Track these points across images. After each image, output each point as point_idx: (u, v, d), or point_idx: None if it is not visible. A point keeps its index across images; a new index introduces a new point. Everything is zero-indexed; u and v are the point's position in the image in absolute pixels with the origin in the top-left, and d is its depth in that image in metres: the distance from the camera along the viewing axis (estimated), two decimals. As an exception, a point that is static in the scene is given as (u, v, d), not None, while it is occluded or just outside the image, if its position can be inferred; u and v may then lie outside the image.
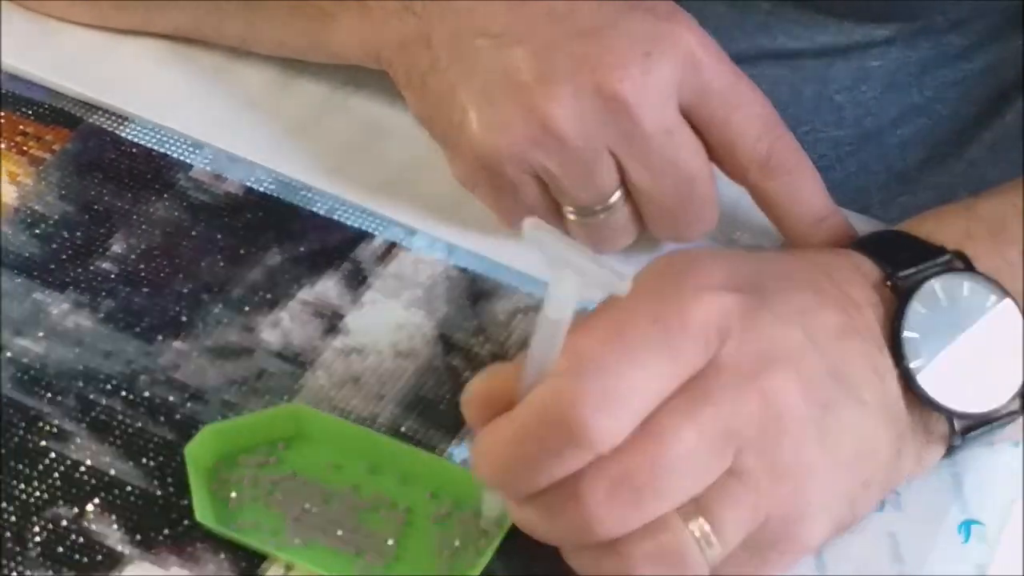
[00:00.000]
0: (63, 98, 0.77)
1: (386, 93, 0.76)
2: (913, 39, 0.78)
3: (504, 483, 0.56)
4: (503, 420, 0.55)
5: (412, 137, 0.73)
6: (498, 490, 0.58)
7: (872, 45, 0.78)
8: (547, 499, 0.55)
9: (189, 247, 0.72)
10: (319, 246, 0.72)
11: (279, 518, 0.62)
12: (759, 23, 0.77)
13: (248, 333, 0.69)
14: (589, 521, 0.54)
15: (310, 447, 0.64)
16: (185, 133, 0.76)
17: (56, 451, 0.64)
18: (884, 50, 0.78)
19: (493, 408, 0.56)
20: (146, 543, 0.62)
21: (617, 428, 0.53)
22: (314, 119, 0.77)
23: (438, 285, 0.70)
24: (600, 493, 0.53)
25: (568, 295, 0.52)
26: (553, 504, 0.55)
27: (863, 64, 0.78)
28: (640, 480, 0.53)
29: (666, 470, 0.53)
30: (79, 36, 0.80)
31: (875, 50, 0.78)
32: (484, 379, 0.58)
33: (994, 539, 0.63)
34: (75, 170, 0.74)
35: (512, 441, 0.54)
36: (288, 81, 0.78)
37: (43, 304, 0.69)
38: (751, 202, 0.68)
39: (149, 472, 0.64)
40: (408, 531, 0.62)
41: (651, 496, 0.53)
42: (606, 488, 0.53)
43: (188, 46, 0.79)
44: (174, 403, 0.66)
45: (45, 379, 0.67)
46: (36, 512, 0.63)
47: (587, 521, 0.54)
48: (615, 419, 0.53)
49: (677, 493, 0.54)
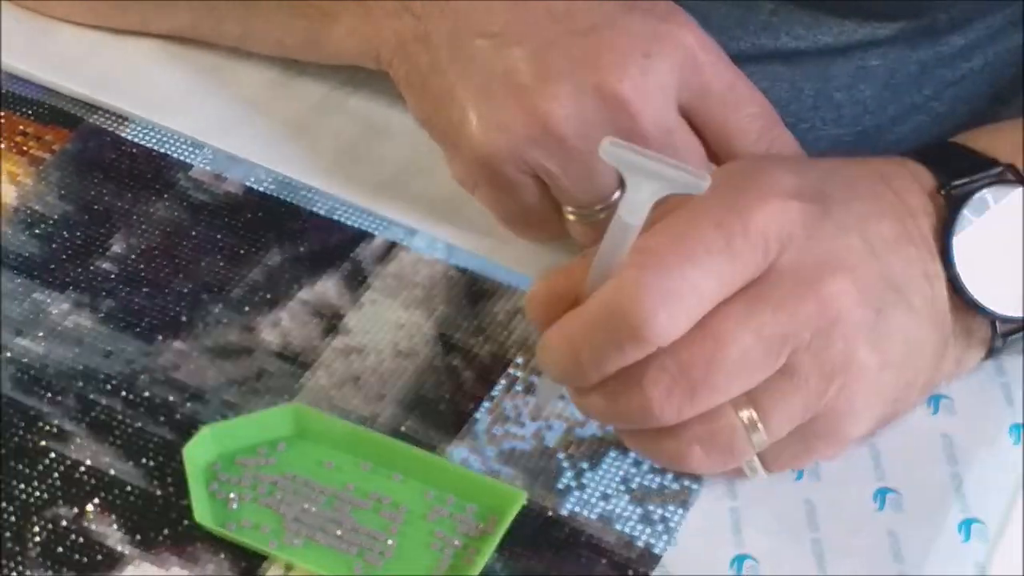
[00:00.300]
0: (63, 98, 0.77)
1: (385, 93, 0.76)
2: (913, 38, 0.78)
3: (570, 374, 0.59)
4: (571, 316, 0.58)
5: (411, 137, 0.73)
6: (563, 381, 0.60)
7: (873, 44, 0.78)
8: (610, 388, 0.58)
9: (189, 247, 0.72)
10: (319, 246, 0.72)
11: (278, 518, 0.62)
12: (762, 23, 0.77)
13: (248, 333, 0.69)
14: (649, 409, 0.57)
15: (309, 447, 0.64)
16: (183, 133, 0.76)
17: (56, 451, 0.64)
18: (885, 50, 0.78)
19: (556, 306, 0.58)
20: (146, 543, 0.62)
21: (675, 325, 0.56)
22: (313, 119, 0.77)
23: (438, 285, 0.70)
24: (660, 385, 0.57)
25: (644, 199, 0.55)
26: (616, 392, 0.58)
27: (863, 63, 0.78)
28: (697, 376, 0.57)
29: (721, 368, 0.57)
30: (78, 36, 0.80)
31: (875, 50, 0.78)
32: (547, 279, 0.60)
33: (994, 538, 0.63)
34: (75, 170, 0.74)
35: (578, 335, 0.57)
36: (287, 81, 0.78)
37: (43, 304, 0.69)
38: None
39: (149, 472, 0.64)
40: (407, 531, 0.62)
41: (706, 390, 0.57)
42: (666, 381, 0.57)
43: (186, 46, 0.79)
44: (174, 403, 0.66)
45: (45, 379, 0.67)
46: (36, 512, 0.63)
47: (647, 409, 0.57)
48: (673, 316, 0.55)
49: (730, 389, 0.57)
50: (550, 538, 0.62)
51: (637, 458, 0.65)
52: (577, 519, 0.63)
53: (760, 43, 0.78)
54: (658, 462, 0.62)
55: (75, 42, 0.79)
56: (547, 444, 0.65)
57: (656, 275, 0.55)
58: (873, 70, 0.79)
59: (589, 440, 0.65)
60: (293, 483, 0.63)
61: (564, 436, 0.65)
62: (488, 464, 0.64)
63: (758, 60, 0.77)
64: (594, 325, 0.57)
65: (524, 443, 0.65)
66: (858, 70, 0.78)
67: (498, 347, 0.68)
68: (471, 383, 0.67)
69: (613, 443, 0.65)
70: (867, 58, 0.78)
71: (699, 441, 0.59)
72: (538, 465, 0.64)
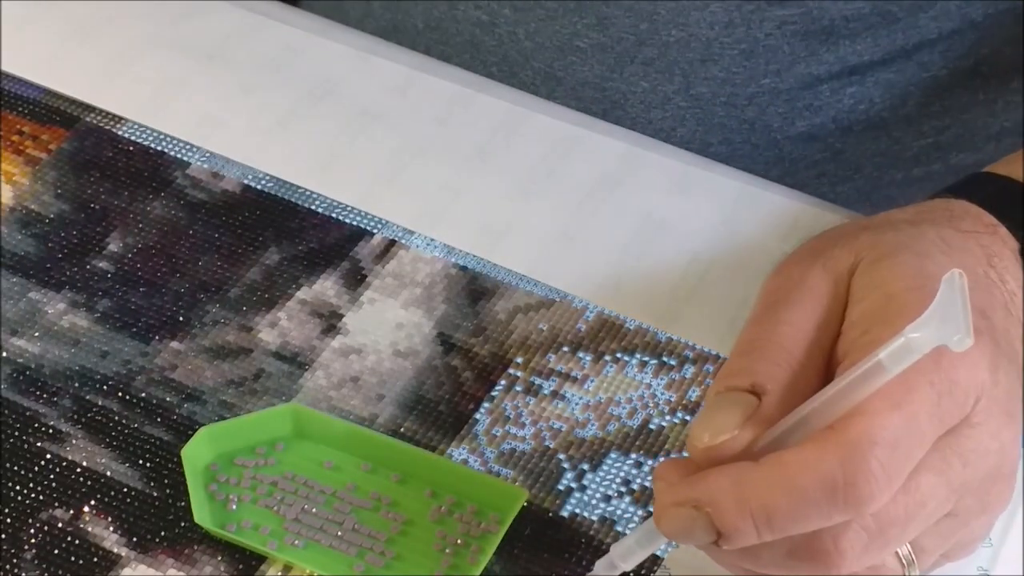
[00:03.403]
0: (60, 97, 0.77)
1: (375, 90, 0.76)
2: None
3: (740, 536, 0.53)
4: (755, 480, 0.53)
5: (405, 135, 0.73)
6: (726, 543, 0.54)
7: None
8: (791, 545, 0.54)
9: (186, 246, 0.71)
10: (317, 244, 0.71)
11: (278, 519, 0.62)
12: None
13: (246, 333, 0.68)
14: (837, 566, 0.54)
15: (308, 447, 0.64)
16: (173, 135, 0.75)
17: (52, 452, 0.64)
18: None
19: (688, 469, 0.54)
20: (143, 545, 0.61)
21: (891, 496, 0.53)
22: (299, 117, 0.76)
23: (437, 284, 0.70)
24: (857, 545, 0.54)
25: (917, 355, 0.51)
26: (799, 549, 0.54)
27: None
28: (894, 533, 0.54)
29: (917, 523, 0.55)
30: (69, 36, 0.80)
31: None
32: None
33: (997, 539, 0.62)
34: (71, 169, 0.74)
35: (768, 499, 0.52)
36: (276, 79, 0.78)
37: (39, 304, 0.69)
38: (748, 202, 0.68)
39: (146, 473, 0.63)
40: (408, 530, 0.62)
41: (896, 544, 0.55)
42: (863, 541, 0.54)
43: (172, 43, 0.79)
44: (171, 404, 0.66)
45: (41, 379, 0.66)
46: (32, 514, 0.62)
47: (834, 565, 0.54)
48: (894, 489, 0.53)
49: (912, 535, 0.56)
50: (550, 539, 0.62)
51: (638, 459, 0.64)
52: (578, 520, 0.62)
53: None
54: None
55: (61, 41, 0.79)
56: (547, 445, 0.65)
57: (886, 452, 0.52)
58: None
59: (590, 441, 0.65)
60: (293, 483, 0.63)
61: (564, 437, 0.65)
62: (488, 465, 0.64)
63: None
64: (802, 494, 0.52)
65: (524, 444, 0.65)
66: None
67: (498, 347, 0.68)
68: (471, 383, 0.67)
69: (614, 444, 0.65)
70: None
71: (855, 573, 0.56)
72: (538, 466, 0.64)
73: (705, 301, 0.70)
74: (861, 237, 0.59)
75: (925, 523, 0.55)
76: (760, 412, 0.54)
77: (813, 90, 0.82)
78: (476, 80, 0.79)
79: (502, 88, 0.79)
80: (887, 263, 0.57)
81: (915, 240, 0.59)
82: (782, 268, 0.60)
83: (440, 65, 0.80)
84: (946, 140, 0.85)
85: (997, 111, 0.85)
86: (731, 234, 0.72)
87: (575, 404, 0.66)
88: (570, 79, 0.83)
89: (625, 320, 0.69)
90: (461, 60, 0.84)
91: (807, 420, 0.53)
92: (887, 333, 0.52)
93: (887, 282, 0.56)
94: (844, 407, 0.52)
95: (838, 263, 0.58)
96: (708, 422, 0.54)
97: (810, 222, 0.73)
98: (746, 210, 0.73)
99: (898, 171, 0.85)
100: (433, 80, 0.78)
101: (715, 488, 0.53)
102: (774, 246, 0.72)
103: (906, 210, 0.63)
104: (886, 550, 0.55)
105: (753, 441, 0.54)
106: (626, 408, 0.66)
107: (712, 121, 0.82)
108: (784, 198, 0.74)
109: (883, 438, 0.52)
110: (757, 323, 0.57)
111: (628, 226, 0.73)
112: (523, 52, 0.83)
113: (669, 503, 0.54)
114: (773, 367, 0.55)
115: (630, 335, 0.68)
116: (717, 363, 0.67)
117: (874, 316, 0.55)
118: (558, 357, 0.68)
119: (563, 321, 0.69)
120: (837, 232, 0.61)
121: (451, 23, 0.84)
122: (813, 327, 0.56)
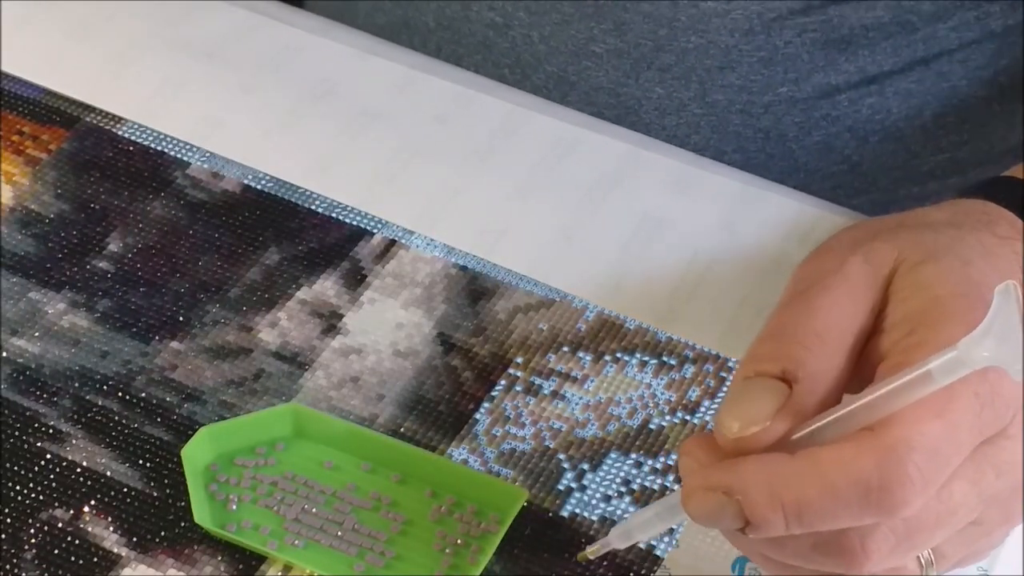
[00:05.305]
0: (60, 97, 0.77)
1: (375, 90, 0.76)
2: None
3: (767, 527, 0.53)
4: (788, 474, 0.52)
5: (405, 135, 0.73)
6: (753, 532, 0.53)
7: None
8: (817, 540, 0.54)
9: (186, 246, 0.71)
10: (317, 244, 0.71)
11: (278, 519, 0.62)
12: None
13: (246, 333, 0.68)
14: (861, 565, 0.54)
15: (308, 447, 0.64)
16: (173, 135, 0.75)
17: (52, 452, 0.64)
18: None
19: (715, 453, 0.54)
20: (143, 545, 0.61)
21: (924, 503, 0.53)
22: (299, 117, 0.76)
23: (437, 284, 0.70)
24: (885, 547, 0.53)
25: (969, 370, 0.51)
26: (825, 545, 0.54)
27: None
28: (922, 538, 0.54)
29: (943, 531, 0.54)
30: (70, 39, 0.80)
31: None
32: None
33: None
34: (71, 169, 0.74)
35: (799, 494, 0.52)
36: (276, 79, 0.78)
37: (39, 304, 0.69)
38: (749, 201, 0.68)
39: (146, 473, 0.63)
40: (408, 530, 0.61)
41: (922, 548, 0.55)
42: (891, 543, 0.53)
43: (172, 43, 0.79)
44: (171, 404, 0.66)
45: (41, 379, 0.66)
46: (32, 514, 0.62)
47: (858, 564, 0.54)
48: (929, 495, 0.52)
49: (938, 542, 0.55)
50: (550, 539, 0.62)
51: (638, 459, 0.64)
52: (578, 520, 0.62)
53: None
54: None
55: (62, 42, 0.79)
56: (547, 445, 0.65)
57: (924, 459, 0.51)
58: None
59: (590, 441, 0.65)
60: (293, 483, 0.63)
61: (564, 437, 0.65)
62: (488, 465, 0.64)
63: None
64: (836, 493, 0.52)
65: (524, 444, 0.65)
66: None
67: (498, 347, 0.68)
68: (471, 383, 0.67)
69: (614, 444, 0.65)
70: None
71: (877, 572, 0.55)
72: (538, 466, 0.64)
73: (705, 301, 0.70)
74: (901, 234, 0.58)
75: (952, 530, 0.55)
76: (792, 402, 0.53)
77: (831, 99, 0.81)
78: (476, 80, 0.79)
79: (502, 88, 0.79)
80: (932, 266, 0.56)
81: (957, 244, 0.58)
82: (816, 255, 0.59)
83: (440, 65, 0.80)
84: (963, 155, 0.85)
85: (1015, 124, 0.85)
86: (731, 234, 0.72)
87: (575, 404, 0.66)
88: (583, 84, 0.82)
89: (625, 320, 0.69)
90: (472, 61, 0.84)
91: (845, 419, 0.53)
92: (931, 336, 0.52)
93: (933, 285, 0.55)
94: (885, 411, 0.52)
95: (880, 256, 0.57)
96: (738, 409, 0.53)
97: (810, 222, 0.73)
98: (746, 210, 0.73)
99: (914, 185, 0.85)
100: (433, 80, 0.78)
101: (748, 478, 0.52)
102: (774, 246, 0.72)
103: (942, 208, 0.62)
104: (911, 554, 0.54)
105: (786, 434, 0.53)
106: (626, 408, 0.66)
107: (727, 129, 0.82)
108: (784, 198, 0.74)
109: (922, 445, 0.51)
110: (789, 307, 0.56)
111: (628, 226, 0.73)
112: (537, 55, 0.82)
113: (699, 486, 0.53)
114: (805, 352, 0.54)
115: (630, 335, 0.68)
116: (717, 363, 0.67)
117: (920, 318, 0.55)
118: (558, 357, 0.68)
119: (563, 321, 0.69)
120: (874, 226, 0.60)
121: (464, 23, 0.84)
122: (848, 315, 0.55)
